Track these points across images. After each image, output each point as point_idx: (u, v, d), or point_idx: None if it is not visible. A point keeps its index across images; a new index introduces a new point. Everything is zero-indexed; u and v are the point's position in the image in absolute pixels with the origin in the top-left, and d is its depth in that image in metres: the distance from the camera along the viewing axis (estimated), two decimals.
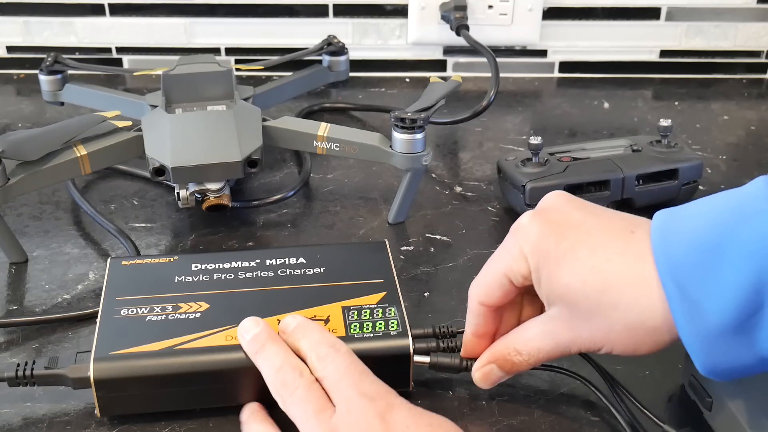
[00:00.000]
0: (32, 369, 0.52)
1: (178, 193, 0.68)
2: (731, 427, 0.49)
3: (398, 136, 0.69)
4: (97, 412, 0.52)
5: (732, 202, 0.46)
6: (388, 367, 0.53)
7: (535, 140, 0.72)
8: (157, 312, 0.55)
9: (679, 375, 0.55)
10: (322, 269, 0.59)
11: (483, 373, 0.53)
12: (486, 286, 0.52)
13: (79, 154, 0.67)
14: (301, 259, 0.60)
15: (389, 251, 0.61)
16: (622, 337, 0.48)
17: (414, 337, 0.54)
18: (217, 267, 0.59)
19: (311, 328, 0.52)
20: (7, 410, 0.54)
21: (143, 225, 0.73)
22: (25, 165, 0.65)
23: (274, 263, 0.60)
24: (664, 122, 0.75)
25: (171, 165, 0.66)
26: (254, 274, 0.59)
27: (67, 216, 0.74)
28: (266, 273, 0.59)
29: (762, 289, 0.44)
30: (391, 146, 0.70)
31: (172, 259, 0.60)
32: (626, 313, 0.47)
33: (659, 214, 0.48)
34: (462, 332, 0.54)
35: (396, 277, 0.59)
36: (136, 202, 0.76)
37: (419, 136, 0.69)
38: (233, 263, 0.60)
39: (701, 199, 0.47)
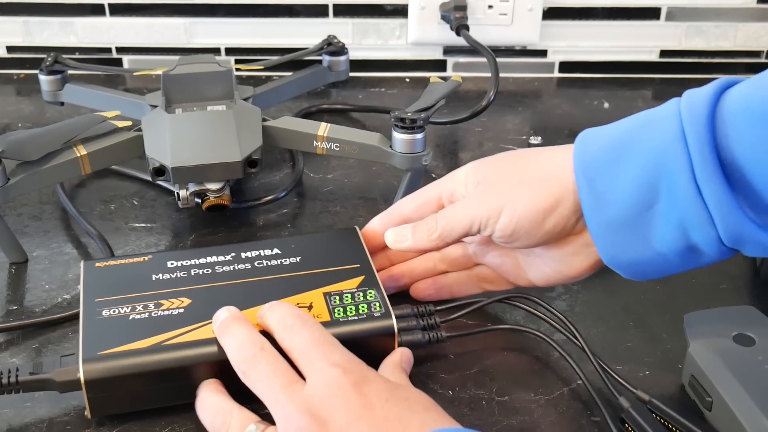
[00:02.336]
0: (17, 376, 0.52)
1: (178, 193, 0.68)
2: (731, 427, 0.49)
3: (398, 136, 0.69)
4: (87, 413, 0.52)
5: (644, 115, 0.53)
6: (375, 348, 0.54)
7: (535, 140, 0.72)
8: (140, 310, 0.55)
9: (679, 375, 0.55)
10: (298, 258, 0.60)
11: (395, 231, 0.60)
12: (414, 195, 0.61)
13: (79, 154, 0.67)
14: (276, 250, 0.61)
15: (361, 237, 0.62)
16: (527, 192, 0.54)
17: (397, 318, 0.55)
18: (193, 263, 0.59)
19: (279, 305, 0.53)
20: (6, 410, 0.54)
21: (143, 225, 0.73)
22: (25, 165, 0.65)
23: (250, 256, 0.60)
24: None
25: (171, 165, 0.66)
26: (231, 267, 0.59)
27: (68, 216, 0.74)
28: (243, 266, 0.59)
29: (656, 183, 0.49)
30: (391, 146, 0.70)
31: (146, 258, 0.60)
32: (538, 169, 0.55)
33: (585, 130, 0.55)
34: (440, 310, 0.59)
35: (372, 261, 0.59)
36: (136, 202, 0.76)
37: (419, 136, 0.69)
38: (209, 258, 0.60)
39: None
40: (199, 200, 0.68)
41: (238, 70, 0.81)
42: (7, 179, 0.64)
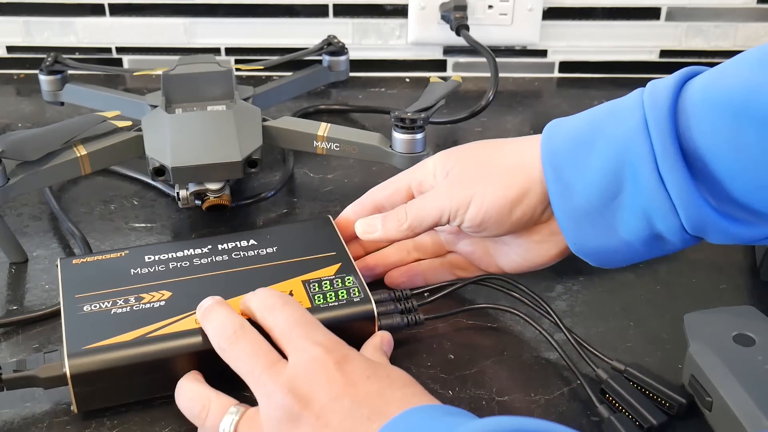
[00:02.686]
0: (0, 374, 0.52)
1: (178, 193, 0.68)
2: (731, 428, 0.49)
3: (398, 136, 0.69)
4: (73, 408, 0.53)
5: (609, 105, 0.54)
6: (356, 333, 0.55)
7: None
8: (121, 304, 0.56)
9: (679, 375, 0.55)
10: (274, 248, 0.61)
11: (365, 222, 0.61)
12: (385, 184, 0.62)
13: (79, 154, 0.67)
14: (252, 241, 0.62)
15: (335, 225, 0.63)
16: (495, 183, 0.55)
17: (376, 302, 0.57)
18: (170, 257, 0.60)
19: (261, 290, 0.54)
20: (7, 410, 0.54)
21: (143, 225, 0.73)
22: (25, 165, 0.65)
23: (227, 247, 0.61)
24: None
25: (171, 165, 0.66)
26: (209, 259, 0.60)
27: (67, 221, 0.74)
28: (221, 257, 0.60)
29: (621, 173, 0.51)
30: (391, 146, 0.70)
31: (122, 254, 0.61)
32: (506, 160, 0.56)
33: (553, 120, 0.56)
34: (417, 293, 0.60)
35: (347, 248, 0.61)
36: (136, 202, 0.76)
37: (419, 136, 0.69)
38: (186, 251, 0.60)
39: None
40: (199, 200, 0.69)
41: (238, 70, 0.81)
42: (7, 179, 0.64)
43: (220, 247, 0.61)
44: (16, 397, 0.54)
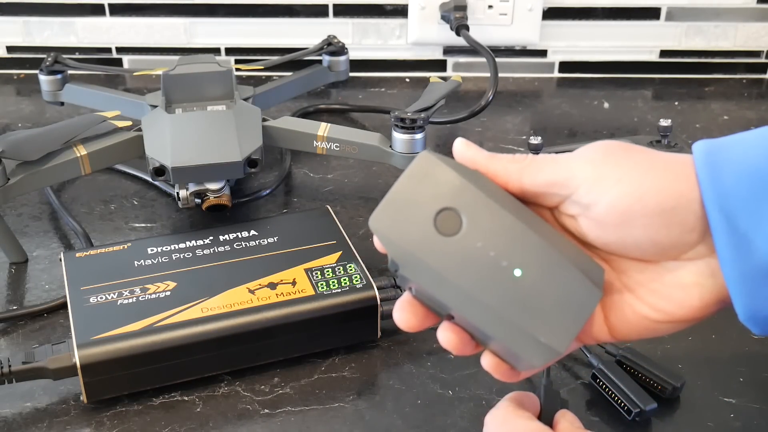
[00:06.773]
0: (9, 366, 0.52)
1: (178, 193, 0.68)
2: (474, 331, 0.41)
3: (398, 136, 0.69)
4: (83, 398, 0.53)
5: None
6: (359, 320, 0.57)
7: (535, 140, 0.72)
8: (127, 295, 0.56)
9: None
10: (275, 238, 0.62)
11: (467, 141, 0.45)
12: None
13: (79, 154, 0.67)
14: (253, 232, 0.63)
15: (333, 215, 0.64)
16: (653, 174, 0.42)
17: (378, 289, 0.58)
18: (173, 248, 0.61)
19: None
20: (7, 410, 0.54)
21: (143, 225, 0.73)
22: (25, 165, 0.65)
23: (228, 238, 0.62)
24: (664, 122, 0.75)
25: (171, 165, 0.66)
26: (211, 250, 0.61)
27: (67, 216, 0.74)
28: (223, 248, 0.61)
29: None
30: (391, 146, 0.70)
31: (125, 246, 0.61)
32: (663, 160, 0.42)
33: (700, 143, 0.43)
34: None
35: (347, 237, 0.62)
36: (136, 202, 0.76)
37: (419, 136, 0.69)
38: (188, 243, 0.61)
39: (746, 132, 0.43)
40: (199, 200, 0.69)
41: (238, 70, 0.81)
42: (7, 179, 0.64)
43: (221, 237, 0.62)
44: (15, 396, 0.54)
